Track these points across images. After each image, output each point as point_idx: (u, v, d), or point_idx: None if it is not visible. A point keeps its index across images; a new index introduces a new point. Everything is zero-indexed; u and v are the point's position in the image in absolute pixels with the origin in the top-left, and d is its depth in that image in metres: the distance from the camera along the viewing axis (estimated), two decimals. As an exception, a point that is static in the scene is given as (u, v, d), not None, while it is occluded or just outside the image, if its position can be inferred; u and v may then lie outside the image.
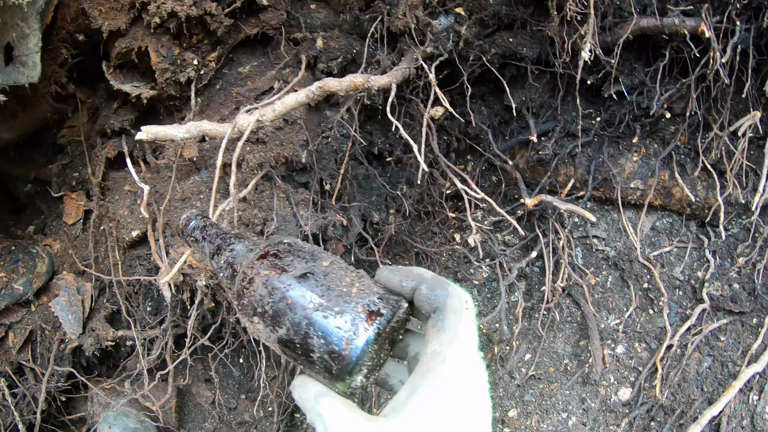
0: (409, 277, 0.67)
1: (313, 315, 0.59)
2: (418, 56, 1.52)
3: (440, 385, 0.56)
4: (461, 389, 0.57)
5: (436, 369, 0.57)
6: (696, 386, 1.86)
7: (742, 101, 1.83)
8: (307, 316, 0.59)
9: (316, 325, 0.59)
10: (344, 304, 0.60)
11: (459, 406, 0.57)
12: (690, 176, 1.90)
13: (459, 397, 0.57)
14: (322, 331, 0.59)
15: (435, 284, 0.66)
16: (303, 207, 1.54)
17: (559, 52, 1.63)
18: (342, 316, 0.59)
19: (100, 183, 1.78)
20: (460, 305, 0.63)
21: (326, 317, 0.59)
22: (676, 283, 1.98)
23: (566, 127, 1.83)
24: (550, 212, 1.91)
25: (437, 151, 1.60)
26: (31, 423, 1.73)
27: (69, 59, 1.72)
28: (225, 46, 1.70)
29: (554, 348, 1.96)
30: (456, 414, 0.56)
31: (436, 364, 0.58)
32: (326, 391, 0.60)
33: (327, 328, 0.59)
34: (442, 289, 0.64)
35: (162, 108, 1.75)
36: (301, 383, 0.63)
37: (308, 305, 0.60)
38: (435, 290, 0.65)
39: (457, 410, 0.56)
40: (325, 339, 0.58)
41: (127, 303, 1.76)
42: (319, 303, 0.60)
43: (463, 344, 0.60)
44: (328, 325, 0.59)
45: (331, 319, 0.59)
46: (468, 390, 0.58)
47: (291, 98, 1.36)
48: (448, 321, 0.61)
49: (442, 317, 0.62)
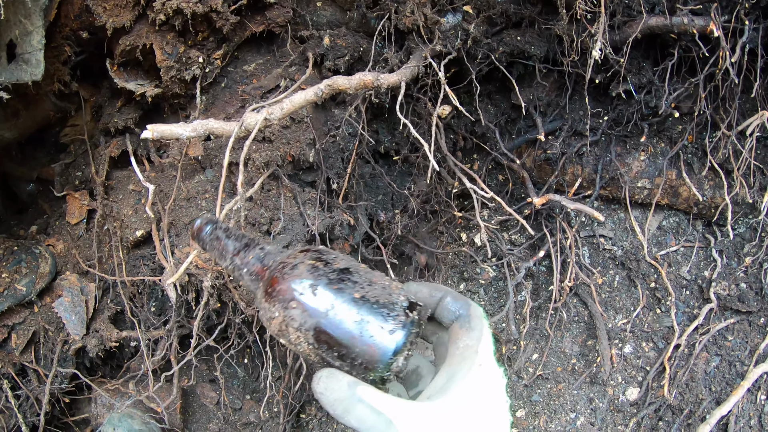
0: (438, 290, 0.75)
1: (359, 301, 0.62)
2: (427, 54, 1.51)
3: (476, 371, 0.65)
4: (492, 377, 0.66)
5: (471, 358, 0.66)
6: (704, 386, 1.85)
7: (750, 101, 1.82)
8: (355, 300, 0.61)
9: (363, 308, 0.61)
10: (388, 295, 0.63)
11: (491, 389, 0.65)
12: (697, 175, 1.90)
13: (491, 383, 0.66)
14: (369, 315, 0.61)
15: (459, 297, 0.75)
16: (310, 206, 1.53)
17: (568, 50, 1.62)
18: (387, 305, 0.62)
19: (103, 182, 1.76)
20: (481, 314, 0.73)
21: (373, 305, 0.62)
22: (683, 283, 1.97)
23: (574, 125, 1.82)
24: (557, 211, 1.90)
25: (445, 150, 1.59)
26: (34, 425, 1.71)
27: (72, 57, 1.70)
28: (230, 44, 1.68)
29: (562, 348, 1.95)
30: (490, 396, 0.64)
31: (470, 354, 0.66)
32: (359, 381, 0.62)
33: (374, 313, 0.61)
34: (465, 302, 0.74)
35: (166, 106, 1.74)
36: (329, 374, 0.63)
37: (355, 292, 0.62)
38: (459, 301, 0.74)
39: (490, 393, 0.65)
40: (371, 323, 0.61)
41: (131, 303, 1.74)
42: (364, 292, 0.62)
43: (488, 342, 0.69)
44: (375, 311, 0.61)
45: (377, 307, 0.61)
46: (496, 379, 0.67)
47: (299, 96, 1.34)
48: (475, 322, 0.71)
49: (468, 320, 0.72)
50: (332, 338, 0.62)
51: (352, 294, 0.62)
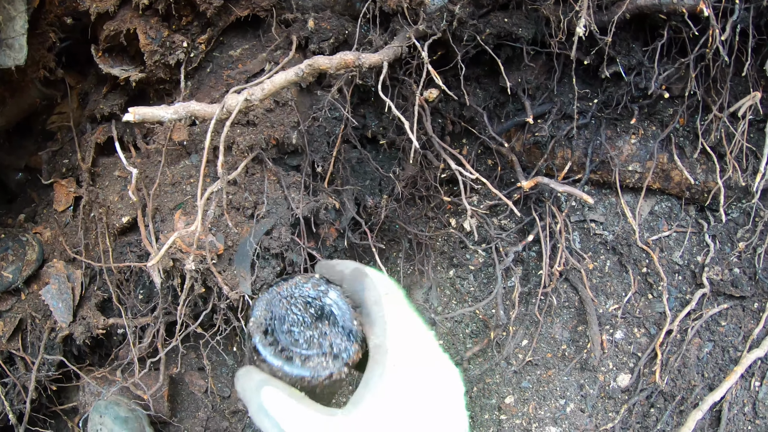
0: (334, 276, 0.71)
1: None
2: (411, 35, 1.49)
3: (389, 374, 0.57)
4: (411, 373, 0.58)
5: (382, 360, 0.59)
6: (696, 372, 1.83)
7: (742, 82, 1.80)
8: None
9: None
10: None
11: (414, 389, 0.57)
12: (689, 159, 1.88)
13: (411, 381, 0.58)
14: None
15: (353, 280, 0.68)
16: (294, 190, 1.52)
17: (555, 31, 1.60)
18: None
19: (90, 169, 1.75)
20: (377, 296, 0.65)
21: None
22: (676, 268, 1.95)
23: (563, 108, 1.80)
24: (546, 195, 1.88)
25: (431, 132, 1.57)
26: (21, 413, 1.71)
27: (57, 43, 1.70)
28: (215, 29, 1.67)
29: (552, 333, 1.93)
30: (414, 397, 0.57)
31: (380, 356, 0.60)
32: (268, 380, 0.59)
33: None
34: (359, 284, 0.67)
35: (152, 92, 1.73)
36: (245, 372, 0.61)
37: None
38: (354, 286, 0.68)
39: (413, 394, 0.57)
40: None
41: (118, 290, 1.73)
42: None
43: (397, 330, 0.62)
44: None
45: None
46: (420, 371, 0.59)
47: (280, 77, 1.33)
48: (373, 314, 0.64)
49: (367, 312, 0.65)
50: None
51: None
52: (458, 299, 2.01)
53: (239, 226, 1.49)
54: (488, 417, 1.87)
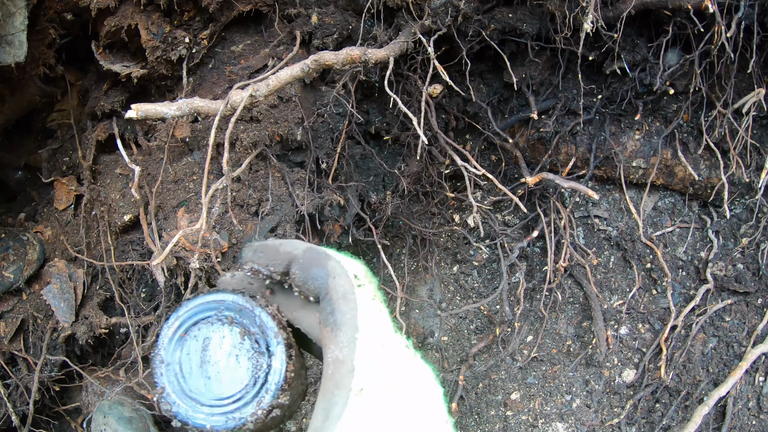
0: (276, 259, 0.54)
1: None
2: (416, 30, 1.48)
3: (356, 404, 0.44)
4: (383, 401, 0.45)
5: (346, 383, 0.45)
6: (701, 367, 1.83)
7: (746, 79, 1.80)
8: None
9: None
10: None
11: (387, 422, 0.44)
12: (693, 155, 1.87)
13: (383, 412, 0.44)
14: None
15: (310, 263, 0.52)
16: (299, 186, 1.50)
17: (560, 27, 1.59)
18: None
19: (91, 167, 1.73)
20: (348, 286, 0.49)
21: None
22: (679, 264, 1.95)
23: (567, 104, 1.80)
24: (551, 191, 1.87)
25: (436, 128, 1.56)
26: (24, 414, 1.69)
27: (57, 40, 1.68)
28: (217, 24, 1.65)
29: (557, 329, 1.93)
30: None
31: (343, 377, 0.45)
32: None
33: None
34: (320, 268, 0.51)
35: (153, 88, 1.71)
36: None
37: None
38: (311, 271, 0.51)
39: (387, 429, 0.44)
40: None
41: (120, 289, 1.72)
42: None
43: (369, 340, 0.47)
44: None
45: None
46: (394, 396, 0.46)
47: (285, 72, 1.32)
48: (340, 313, 0.48)
49: (330, 309, 0.49)
50: None
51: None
52: (462, 295, 2.00)
53: (243, 224, 1.48)
54: (494, 413, 1.86)
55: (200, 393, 0.55)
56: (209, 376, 0.55)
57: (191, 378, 0.56)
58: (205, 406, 0.54)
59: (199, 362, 0.56)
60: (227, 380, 0.55)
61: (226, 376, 0.55)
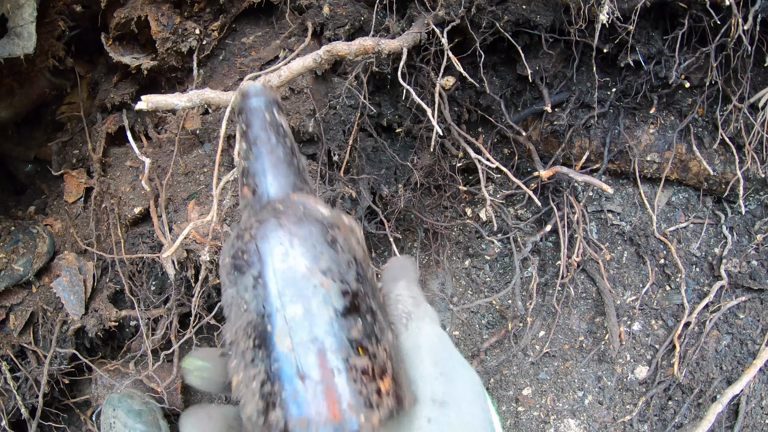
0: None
1: None
2: (429, 21, 1.46)
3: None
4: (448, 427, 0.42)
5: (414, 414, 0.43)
6: (715, 365, 1.81)
7: (762, 73, 1.77)
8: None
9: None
10: None
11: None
12: (708, 150, 1.85)
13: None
14: None
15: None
16: (311, 178, 1.49)
17: (575, 18, 1.57)
18: None
19: (100, 159, 1.73)
20: (409, 306, 0.50)
21: None
22: (693, 260, 1.93)
23: (581, 97, 1.77)
24: (564, 185, 1.85)
25: (449, 120, 1.54)
26: (34, 407, 1.69)
27: (66, 32, 1.67)
28: (228, 15, 1.64)
29: (569, 324, 1.91)
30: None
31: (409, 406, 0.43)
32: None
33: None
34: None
35: (163, 80, 1.70)
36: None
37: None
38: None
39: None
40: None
41: (130, 282, 1.71)
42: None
43: (434, 365, 0.46)
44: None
45: None
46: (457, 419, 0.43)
47: (297, 63, 1.30)
48: (406, 335, 0.48)
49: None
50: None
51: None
52: (474, 289, 1.99)
53: (255, 216, 1.47)
54: (505, 409, 1.85)
55: None
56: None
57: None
58: None
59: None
60: None
61: None
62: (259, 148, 0.57)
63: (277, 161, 0.57)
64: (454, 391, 0.43)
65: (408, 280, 0.52)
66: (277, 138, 0.58)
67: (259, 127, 0.58)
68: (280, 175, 0.56)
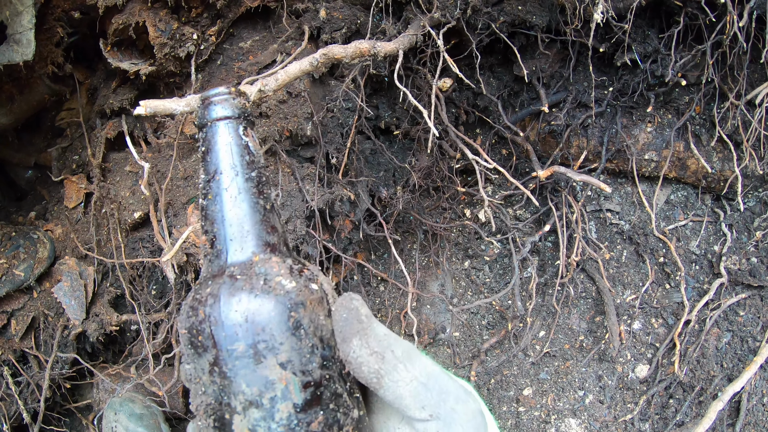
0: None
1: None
2: (425, 23, 1.47)
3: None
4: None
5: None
6: (715, 362, 1.81)
7: (759, 70, 1.78)
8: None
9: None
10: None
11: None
12: (705, 147, 1.85)
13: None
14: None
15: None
16: (309, 182, 1.50)
17: (570, 18, 1.57)
18: None
19: (100, 164, 1.73)
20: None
21: None
22: (693, 258, 1.93)
23: (578, 97, 1.78)
24: (562, 185, 1.86)
25: (446, 121, 1.55)
26: (35, 411, 1.70)
27: (65, 38, 1.68)
28: (225, 20, 1.65)
29: (569, 324, 1.91)
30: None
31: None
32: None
33: None
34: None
35: (162, 86, 1.71)
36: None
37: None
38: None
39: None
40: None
41: (131, 286, 1.72)
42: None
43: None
44: None
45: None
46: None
47: (294, 67, 1.31)
48: None
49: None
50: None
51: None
52: (474, 290, 1.99)
53: (254, 220, 1.48)
54: (506, 409, 1.85)
55: None
56: None
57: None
58: None
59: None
60: None
61: None
62: (220, 186, 0.49)
63: (240, 206, 0.49)
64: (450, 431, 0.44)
65: (360, 335, 0.46)
66: (243, 170, 0.49)
67: (221, 153, 0.49)
68: (242, 228, 0.49)
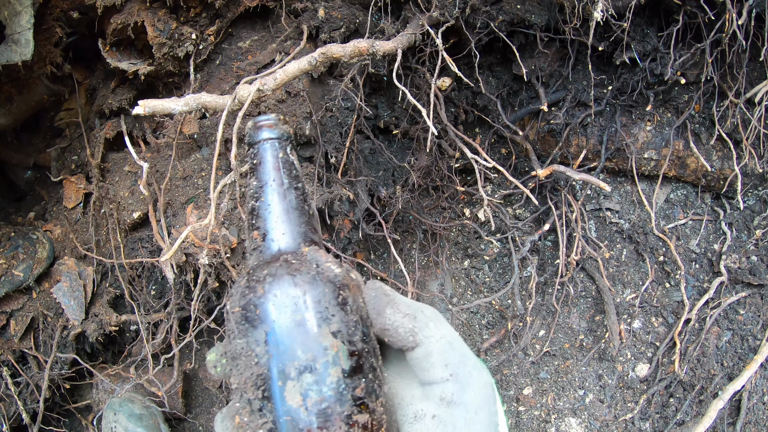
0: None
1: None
2: (424, 22, 1.47)
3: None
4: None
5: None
6: (716, 361, 1.81)
7: (758, 68, 1.77)
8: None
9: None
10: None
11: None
12: (705, 146, 1.85)
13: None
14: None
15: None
16: (308, 181, 1.49)
17: (569, 17, 1.57)
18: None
19: (99, 165, 1.73)
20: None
21: None
22: (693, 256, 1.93)
23: (577, 96, 1.78)
24: (562, 184, 1.86)
25: (445, 120, 1.55)
26: (35, 412, 1.70)
27: (64, 38, 1.68)
28: (224, 20, 1.65)
29: (569, 323, 1.91)
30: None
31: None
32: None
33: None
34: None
35: (161, 86, 1.71)
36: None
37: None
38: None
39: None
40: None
41: (130, 287, 1.71)
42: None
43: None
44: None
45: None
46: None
47: (293, 66, 1.31)
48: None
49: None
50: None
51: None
52: (473, 290, 1.99)
53: (253, 219, 1.47)
54: (506, 409, 1.85)
55: None
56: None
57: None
58: None
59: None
60: None
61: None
62: (271, 190, 0.57)
63: (289, 207, 0.56)
64: (463, 393, 0.47)
65: (391, 305, 0.51)
66: (289, 181, 0.57)
67: (272, 166, 0.57)
68: (291, 224, 0.56)
